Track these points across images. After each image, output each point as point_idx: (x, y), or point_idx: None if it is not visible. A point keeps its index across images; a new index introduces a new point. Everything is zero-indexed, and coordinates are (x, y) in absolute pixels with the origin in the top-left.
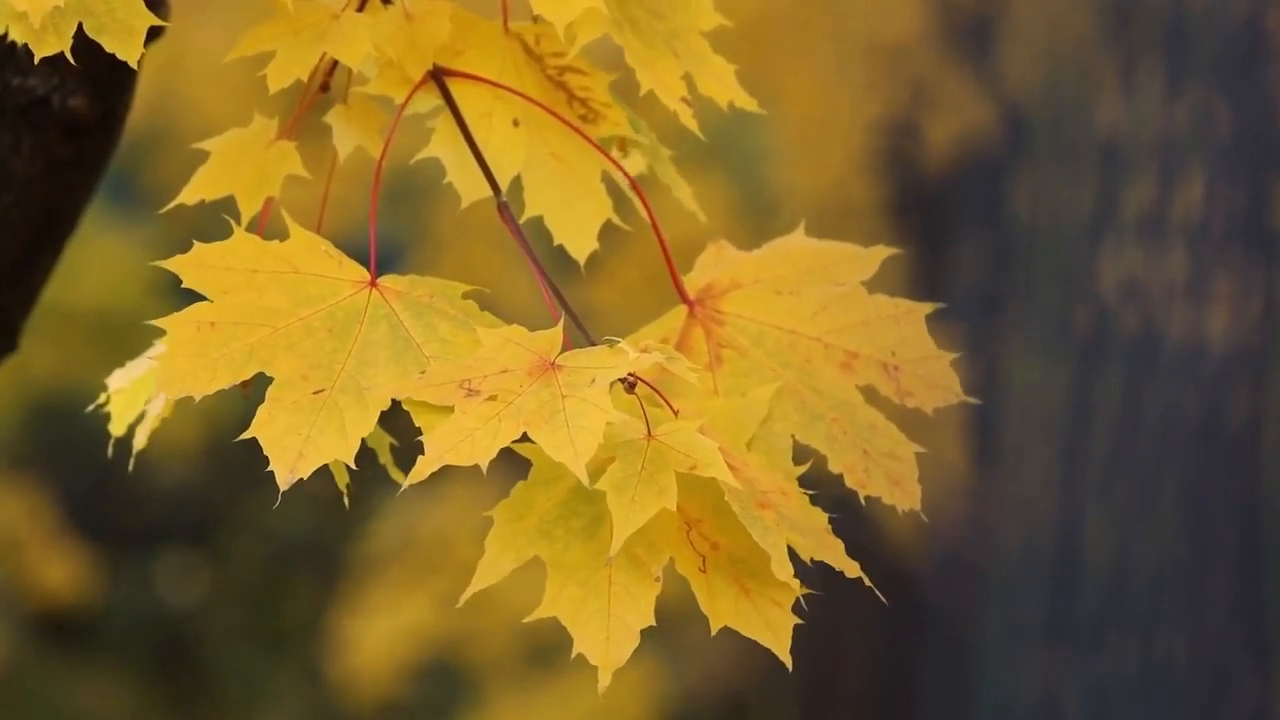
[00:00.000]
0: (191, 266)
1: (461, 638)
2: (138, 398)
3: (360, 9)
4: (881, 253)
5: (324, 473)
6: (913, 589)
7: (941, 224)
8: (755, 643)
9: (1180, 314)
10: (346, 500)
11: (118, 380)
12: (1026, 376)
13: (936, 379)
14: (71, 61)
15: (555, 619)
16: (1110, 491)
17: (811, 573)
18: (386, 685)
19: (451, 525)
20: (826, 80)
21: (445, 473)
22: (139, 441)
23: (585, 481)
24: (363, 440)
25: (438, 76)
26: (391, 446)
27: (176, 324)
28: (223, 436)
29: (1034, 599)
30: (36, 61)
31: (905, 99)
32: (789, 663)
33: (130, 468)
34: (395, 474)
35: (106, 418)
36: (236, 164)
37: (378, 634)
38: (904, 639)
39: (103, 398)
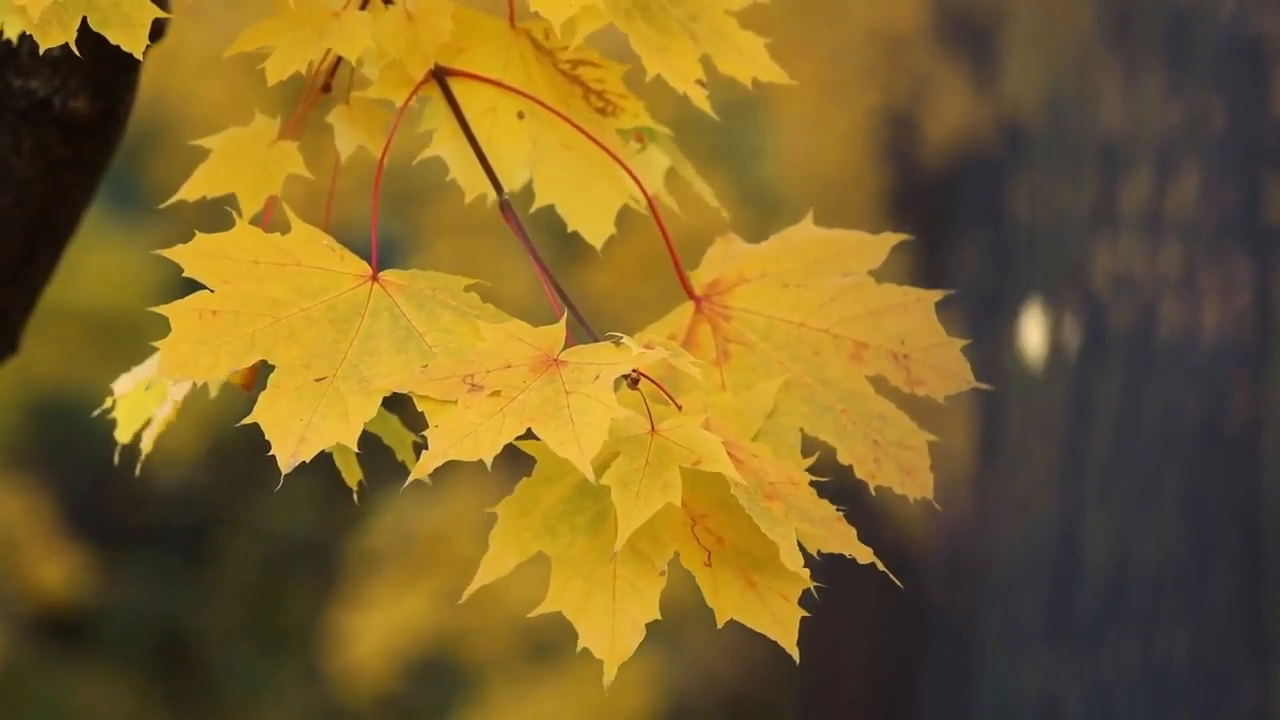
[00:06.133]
0: (193, 256)
1: (460, 634)
2: (143, 403)
3: (362, 8)
4: (891, 239)
5: (324, 471)
6: (913, 589)
7: (941, 222)
8: (756, 641)
9: (1180, 313)
10: (357, 497)
11: (123, 385)
12: (1027, 376)
13: (948, 366)
14: (76, 54)
15: (556, 615)
16: (1110, 491)
17: (817, 567)
18: (385, 681)
19: (450, 522)
20: (825, 72)
21: (445, 468)
22: (145, 445)
23: (590, 477)
24: (379, 438)
25: (439, 76)
26: (415, 444)
27: (178, 311)
28: (222, 437)
29: (1034, 599)
30: (41, 53)
31: (903, 92)
32: (796, 656)
33: (137, 472)
34: (419, 473)
35: (112, 424)
36: (237, 162)
37: (376, 630)
38: (904, 639)
39: (108, 402)
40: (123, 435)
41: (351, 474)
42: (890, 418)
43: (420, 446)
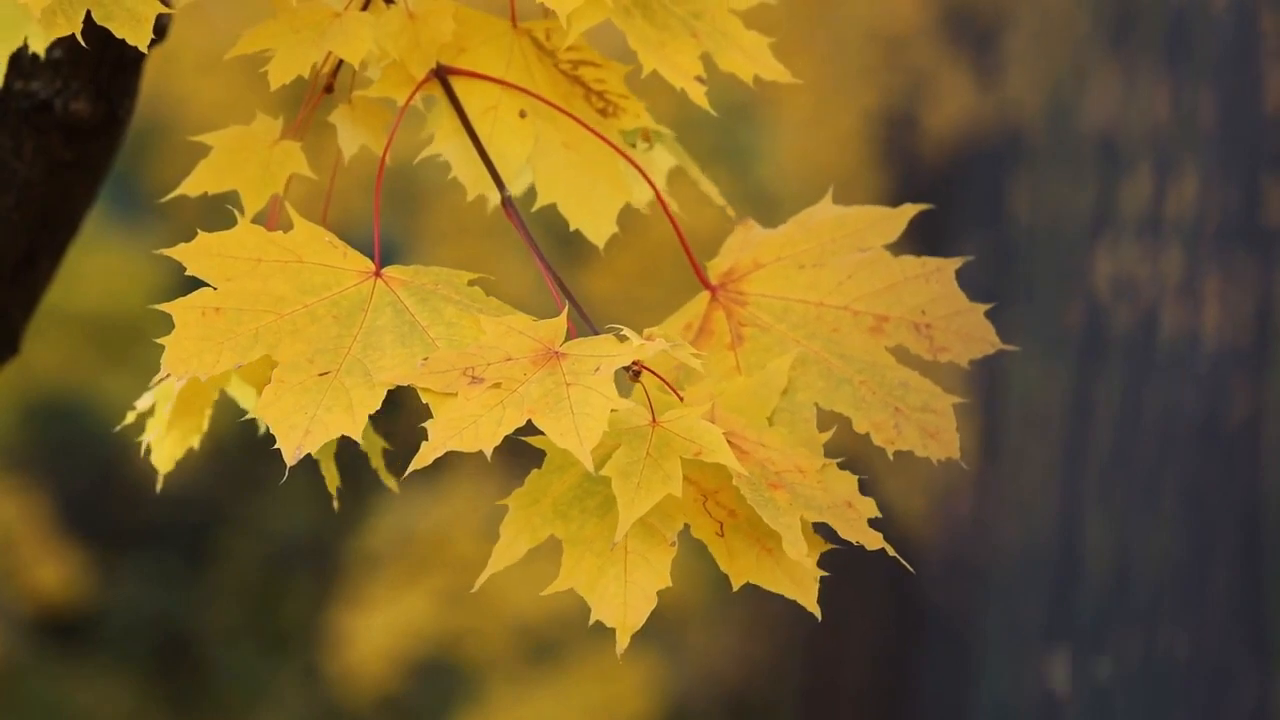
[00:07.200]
0: (195, 254)
1: (460, 634)
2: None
3: (363, 8)
4: (909, 210)
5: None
6: (914, 588)
7: (941, 222)
8: (756, 641)
9: (1180, 314)
10: (336, 503)
11: (147, 404)
12: (1026, 376)
13: (972, 331)
14: (82, 43)
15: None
16: (1110, 491)
17: (821, 559)
18: (385, 681)
19: (451, 522)
20: (825, 72)
21: (445, 468)
22: (165, 464)
23: (590, 467)
24: (356, 443)
25: (441, 75)
26: (384, 450)
27: (182, 308)
28: (222, 438)
29: (1034, 599)
30: (44, 54)
31: (903, 92)
32: (818, 613)
33: (158, 488)
34: (387, 479)
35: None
36: (239, 159)
37: (376, 630)
38: (904, 639)
39: (130, 416)
40: (162, 464)
41: (333, 480)
42: (913, 384)
43: (387, 452)
